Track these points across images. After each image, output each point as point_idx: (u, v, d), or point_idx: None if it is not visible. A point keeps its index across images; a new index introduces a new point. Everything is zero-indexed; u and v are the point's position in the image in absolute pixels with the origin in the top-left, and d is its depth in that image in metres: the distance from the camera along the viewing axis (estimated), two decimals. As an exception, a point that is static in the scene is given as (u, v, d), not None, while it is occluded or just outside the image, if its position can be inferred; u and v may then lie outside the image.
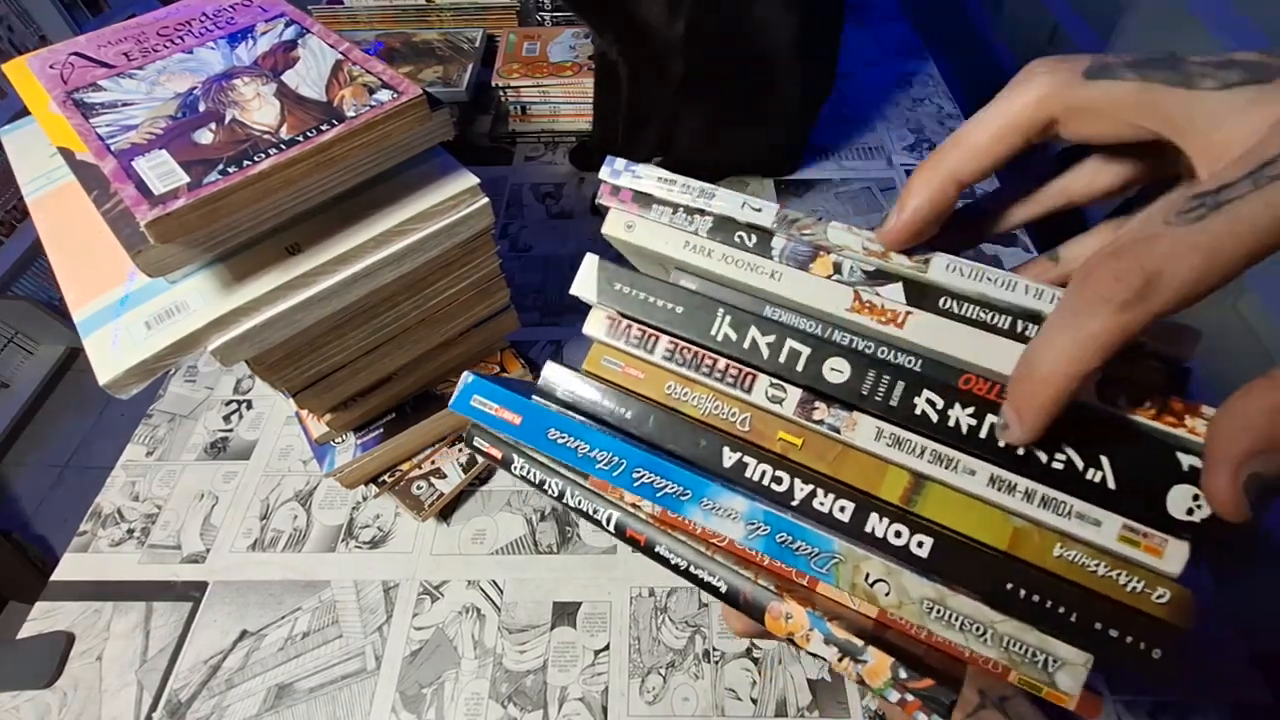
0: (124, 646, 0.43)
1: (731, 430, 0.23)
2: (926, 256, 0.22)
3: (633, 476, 0.22)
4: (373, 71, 0.34)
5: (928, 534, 0.20)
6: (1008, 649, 0.19)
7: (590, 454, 0.23)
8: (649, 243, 0.25)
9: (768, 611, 0.20)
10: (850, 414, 0.22)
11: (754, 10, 0.57)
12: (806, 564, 0.20)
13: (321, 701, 0.41)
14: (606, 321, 0.25)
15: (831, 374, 0.22)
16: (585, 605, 0.44)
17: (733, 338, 0.23)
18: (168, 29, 0.37)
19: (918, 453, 0.21)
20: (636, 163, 0.25)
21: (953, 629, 0.19)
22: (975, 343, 0.21)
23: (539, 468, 0.24)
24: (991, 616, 0.19)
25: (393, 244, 0.35)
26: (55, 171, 0.36)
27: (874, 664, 0.19)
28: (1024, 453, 0.20)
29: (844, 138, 0.76)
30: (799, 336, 0.23)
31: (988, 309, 0.21)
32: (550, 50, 0.77)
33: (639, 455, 0.22)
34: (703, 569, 0.22)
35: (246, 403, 0.55)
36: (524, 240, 0.66)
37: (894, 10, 0.94)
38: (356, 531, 0.48)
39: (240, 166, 0.29)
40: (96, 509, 0.49)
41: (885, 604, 0.20)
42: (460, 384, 0.25)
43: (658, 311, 0.24)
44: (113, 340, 0.30)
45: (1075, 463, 0.19)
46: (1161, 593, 0.18)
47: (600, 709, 0.40)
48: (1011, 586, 0.19)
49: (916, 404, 0.21)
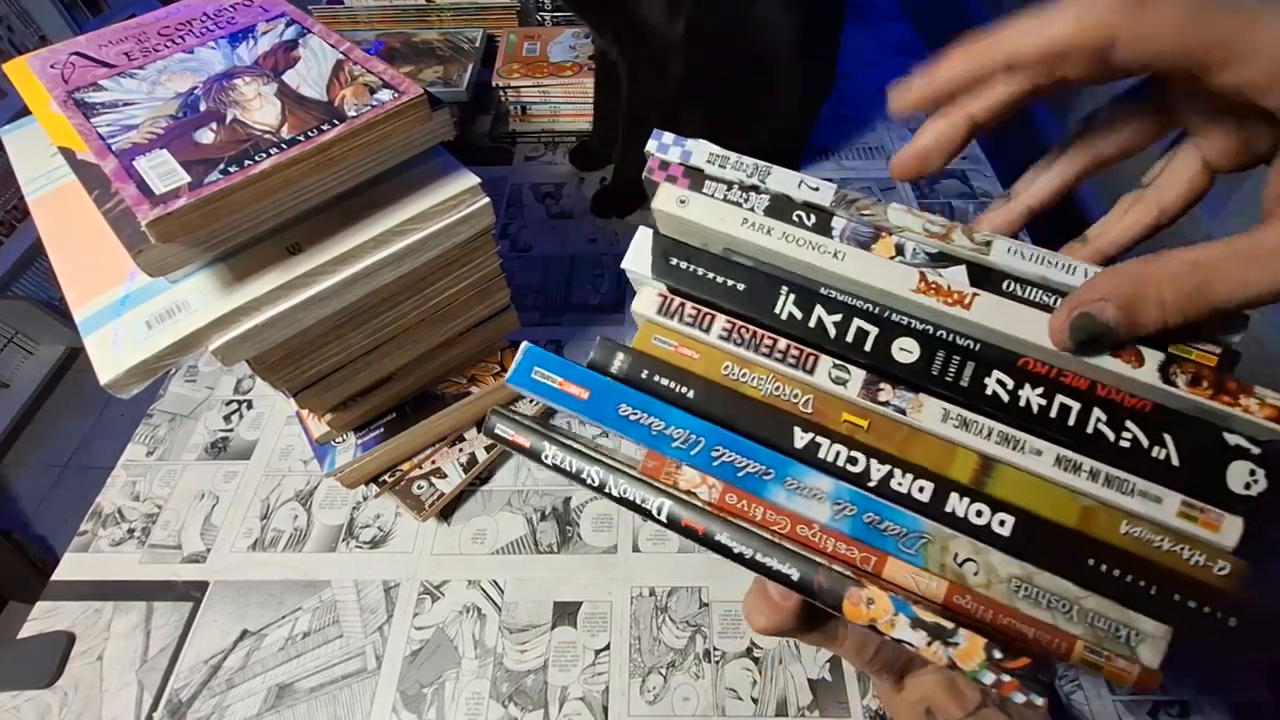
0: (124, 646, 0.43)
1: (795, 412, 0.22)
2: (988, 239, 0.22)
3: (711, 455, 0.21)
4: (374, 71, 0.34)
5: (1008, 512, 0.20)
6: (1093, 624, 0.19)
7: (665, 431, 0.22)
8: (704, 219, 0.24)
9: (846, 598, 0.19)
10: (916, 396, 0.21)
11: (754, 10, 0.57)
12: (894, 545, 0.20)
13: (322, 701, 0.41)
14: (658, 299, 0.24)
15: (901, 354, 0.22)
16: (586, 605, 0.44)
17: (797, 317, 0.22)
18: (168, 29, 0.37)
19: (985, 434, 0.21)
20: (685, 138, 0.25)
21: (1039, 606, 0.19)
22: (1037, 324, 0.21)
23: (576, 456, 0.22)
24: (1077, 593, 0.19)
25: (393, 244, 0.35)
26: (56, 171, 0.36)
27: (966, 646, 0.18)
28: (1091, 431, 0.20)
29: (844, 138, 0.76)
30: (865, 316, 0.22)
31: (1050, 292, 0.21)
32: (550, 50, 0.77)
33: (718, 433, 0.22)
34: (770, 556, 0.20)
35: (247, 402, 0.56)
36: (524, 240, 0.67)
37: (894, 10, 0.94)
38: (357, 531, 0.48)
39: (241, 166, 0.29)
40: (97, 509, 0.49)
41: (974, 584, 0.19)
42: (519, 355, 0.24)
43: (717, 288, 0.23)
44: (114, 340, 0.30)
45: (1141, 440, 0.20)
46: (1222, 565, 0.19)
47: (601, 709, 0.40)
48: (1094, 562, 0.19)
49: (987, 384, 0.21)
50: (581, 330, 0.59)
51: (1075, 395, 0.21)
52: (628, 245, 0.24)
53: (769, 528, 0.21)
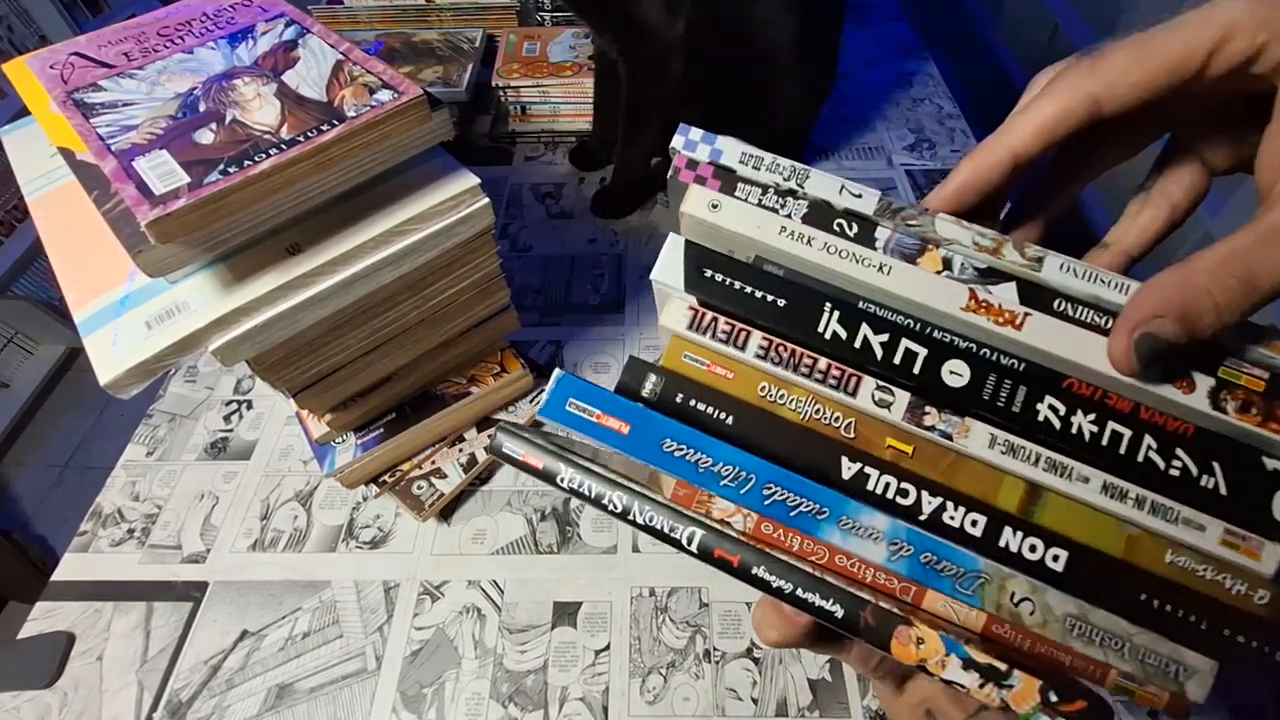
0: (124, 646, 0.43)
1: (836, 437, 0.21)
2: (1040, 255, 0.21)
3: (763, 494, 0.20)
4: (373, 72, 0.34)
5: (1062, 547, 0.19)
6: (1143, 661, 0.18)
7: (714, 468, 0.20)
8: (739, 226, 0.22)
9: (895, 637, 0.18)
10: (962, 420, 0.20)
11: (754, 10, 0.57)
12: (951, 586, 0.19)
13: (322, 702, 0.41)
14: (689, 313, 0.22)
15: (951, 378, 0.21)
16: (586, 605, 0.44)
17: (842, 336, 0.21)
18: (168, 29, 0.37)
19: (1033, 460, 0.20)
20: (717, 135, 0.23)
21: (1093, 645, 0.18)
22: (1088, 346, 0.20)
23: (597, 480, 0.21)
24: (1129, 629, 0.18)
25: (393, 244, 0.35)
26: (55, 171, 0.36)
27: (1021, 688, 0.18)
28: (1142, 459, 0.20)
29: (844, 138, 0.76)
30: (913, 336, 0.21)
31: (1101, 312, 0.20)
32: (550, 50, 0.77)
33: (769, 469, 0.20)
34: (813, 591, 0.19)
35: (247, 403, 0.55)
36: (524, 240, 0.66)
37: (894, 10, 0.94)
38: (357, 531, 0.48)
39: (241, 166, 0.29)
40: (97, 509, 0.49)
41: (1030, 624, 0.19)
42: (552, 385, 0.22)
43: (756, 304, 0.22)
44: (113, 340, 0.30)
45: (1191, 469, 0.19)
46: (1262, 594, 0.19)
47: (601, 709, 0.40)
48: (1145, 597, 0.19)
49: (1039, 410, 0.20)
50: (581, 330, 0.59)
51: (1124, 421, 0.20)
52: (628, 245, 0.24)
53: (807, 558, 0.20)
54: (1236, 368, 0.20)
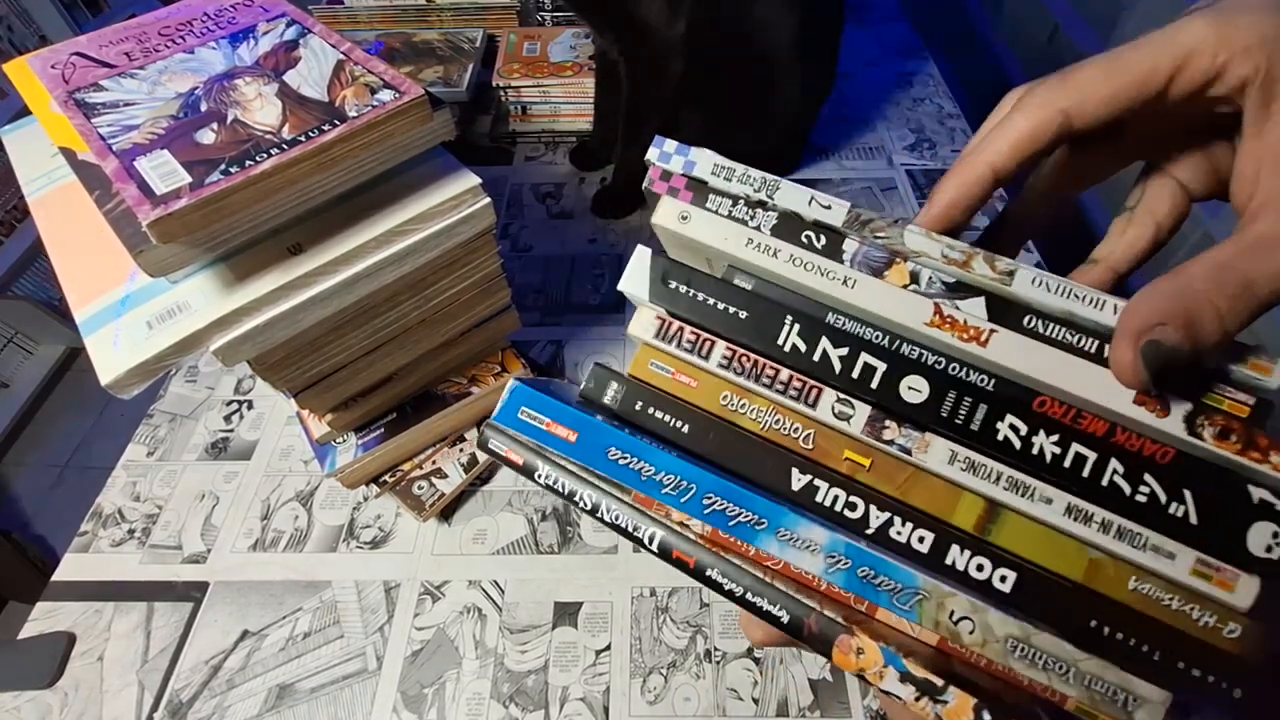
0: (125, 647, 0.43)
1: (794, 448, 0.22)
2: (1011, 269, 0.21)
3: (703, 503, 0.20)
4: (374, 72, 0.34)
5: (1010, 568, 0.19)
6: (1089, 687, 0.18)
7: (655, 477, 0.21)
8: (707, 238, 0.23)
9: (835, 646, 0.19)
10: (923, 435, 0.20)
11: (754, 10, 0.57)
12: (888, 600, 0.19)
13: (323, 702, 0.41)
14: (656, 322, 0.23)
15: (909, 393, 0.21)
16: (586, 605, 0.44)
17: (801, 349, 0.21)
18: (169, 29, 0.37)
19: (993, 479, 0.20)
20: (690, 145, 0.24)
21: (1035, 668, 0.18)
22: (1058, 365, 0.20)
23: (570, 478, 0.22)
24: (1075, 655, 0.18)
25: (394, 244, 0.35)
26: (56, 171, 0.36)
27: (955, 705, 0.17)
28: (1107, 484, 0.19)
29: (844, 138, 0.76)
30: (874, 350, 0.21)
31: (1074, 330, 0.20)
32: (551, 50, 0.77)
33: (710, 480, 0.21)
34: (761, 596, 0.19)
35: (247, 403, 0.55)
36: (524, 240, 0.67)
37: (894, 10, 0.94)
38: (357, 531, 0.48)
39: (242, 166, 0.29)
40: (97, 509, 0.49)
41: (969, 642, 0.19)
42: (505, 394, 0.23)
43: (717, 315, 0.22)
44: (114, 340, 0.30)
45: (1159, 496, 0.19)
46: (1233, 628, 0.18)
47: (602, 709, 0.40)
48: (1095, 624, 0.19)
49: (999, 429, 0.20)
50: (582, 330, 0.59)
51: (1092, 444, 0.20)
52: (628, 246, 0.24)
53: (762, 563, 0.20)
54: (1220, 392, 0.19)
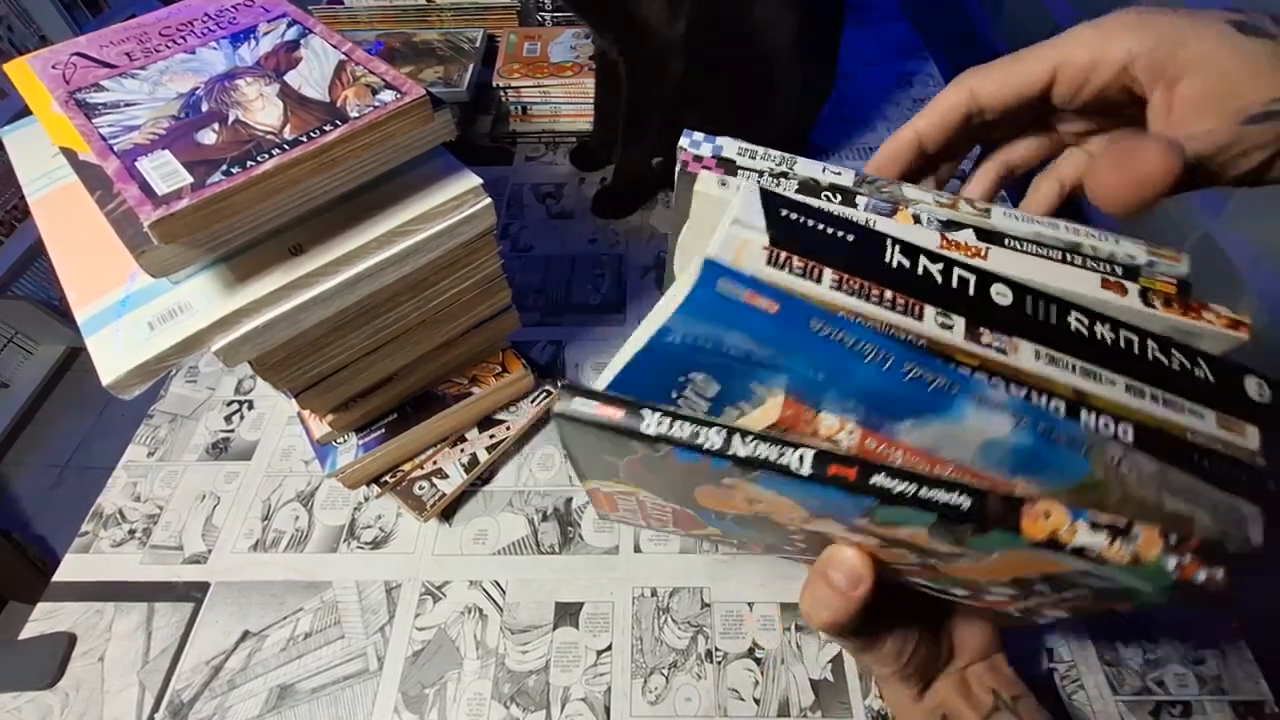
0: (126, 647, 0.43)
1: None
2: (987, 207, 0.26)
3: (903, 370, 0.21)
4: (375, 72, 0.34)
5: (1128, 422, 0.22)
6: (1215, 510, 0.21)
7: (857, 346, 0.21)
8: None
9: (1023, 515, 0.20)
10: (1011, 338, 0.23)
11: (754, 10, 0.57)
12: (1063, 456, 0.21)
13: (324, 702, 0.41)
14: (764, 252, 0.23)
15: (999, 297, 0.24)
16: (587, 605, 0.44)
17: (906, 265, 0.24)
18: (170, 29, 0.37)
19: (1070, 369, 0.23)
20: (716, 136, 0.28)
21: (1179, 501, 0.21)
22: (1040, 269, 0.25)
23: (685, 421, 0.21)
24: (1201, 486, 0.21)
25: (395, 244, 0.35)
26: (57, 171, 0.36)
27: (1145, 538, 0.19)
28: (1153, 358, 0.23)
29: (844, 138, 0.76)
30: (961, 265, 0.24)
31: (1041, 246, 0.26)
32: (551, 50, 0.77)
33: (903, 349, 0.21)
34: (937, 488, 0.20)
35: (248, 403, 0.55)
36: (525, 240, 0.67)
37: (894, 10, 0.94)
38: (358, 532, 0.48)
39: (244, 167, 0.29)
40: (98, 509, 0.49)
41: (1131, 482, 0.21)
42: (698, 271, 0.21)
43: (827, 240, 0.24)
44: (116, 340, 0.30)
45: (1185, 363, 0.23)
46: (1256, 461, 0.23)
47: (603, 709, 0.40)
48: (1197, 456, 0.22)
49: (1070, 321, 0.23)
50: (582, 330, 0.59)
51: (1134, 329, 0.24)
52: (628, 245, 0.24)
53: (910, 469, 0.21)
54: (1152, 278, 0.26)
